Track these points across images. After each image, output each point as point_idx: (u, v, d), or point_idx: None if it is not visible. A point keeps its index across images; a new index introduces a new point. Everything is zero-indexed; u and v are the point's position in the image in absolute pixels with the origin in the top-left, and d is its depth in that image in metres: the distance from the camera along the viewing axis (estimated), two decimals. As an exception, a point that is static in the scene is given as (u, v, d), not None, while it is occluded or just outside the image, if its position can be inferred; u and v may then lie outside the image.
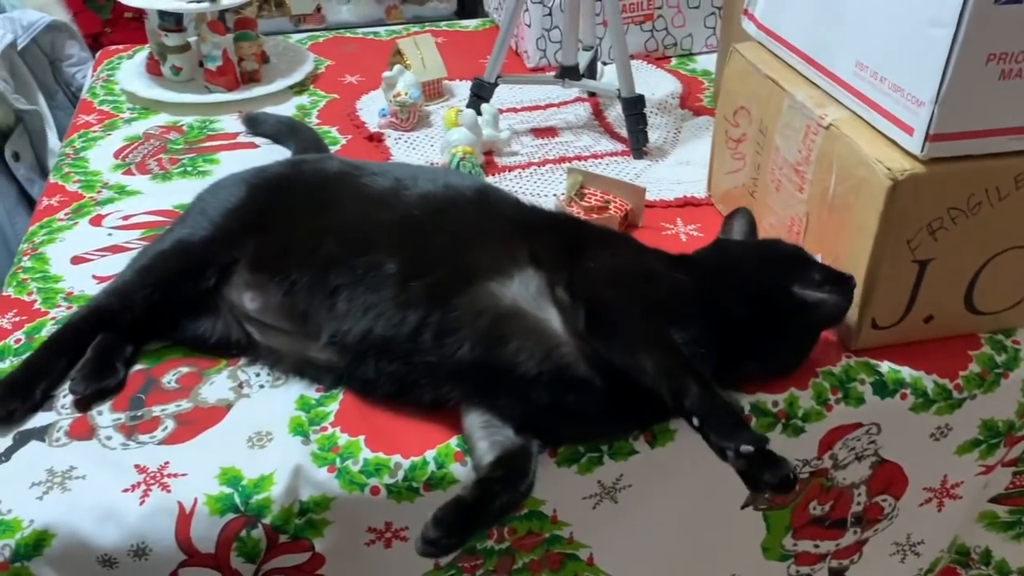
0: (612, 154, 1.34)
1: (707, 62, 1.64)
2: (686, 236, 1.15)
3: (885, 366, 0.92)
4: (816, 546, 1.01)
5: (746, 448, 0.70)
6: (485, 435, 0.83)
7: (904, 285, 0.89)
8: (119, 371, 0.91)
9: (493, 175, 1.29)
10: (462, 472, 0.82)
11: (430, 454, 0.83)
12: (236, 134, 1.40)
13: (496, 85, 1.36)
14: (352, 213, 0.95)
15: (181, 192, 1.19)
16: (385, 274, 0.86)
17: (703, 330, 0.82)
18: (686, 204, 1.21)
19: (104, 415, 0.87)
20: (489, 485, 0.79)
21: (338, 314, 0.87)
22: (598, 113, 1.48)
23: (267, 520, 0.79)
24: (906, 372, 0.92)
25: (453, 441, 0.84)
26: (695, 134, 1.40)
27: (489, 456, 0.81)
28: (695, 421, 0.74)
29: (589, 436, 0.85)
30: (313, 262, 0.90)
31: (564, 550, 0.92)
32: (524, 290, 0.85)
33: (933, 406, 0.92)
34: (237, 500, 0.79)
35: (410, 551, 0.85)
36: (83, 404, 0.87)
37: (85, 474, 0.80)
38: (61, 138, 1.59)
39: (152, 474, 0.80)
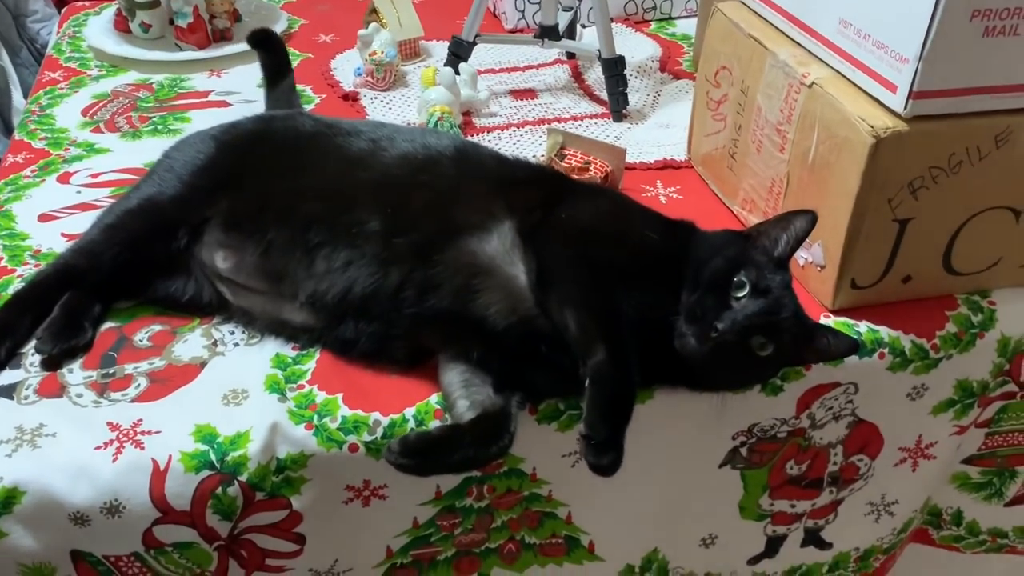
0: (592, 116, 1.33)
1: (686, 26, 1.63)
2: (666, 198, 1.14)
3: (863, 326, 0.92)
4: (792, 506, 1.02)
5: (582, 431, 0.74)
6: (465, 394, 0.82)
7: (884, 245, 0.89)
8: (87, 330, 0.89)
9: (471, 136, 1.27)
10: (442, 430, 0.82)
11: (409, 411, 0.82)
12: (207, 92, 1.37)
13: (474, 44, 1.34)
14: (331, 172, 0.93)
15: (151, 150, 1.15)
16: (368, 232, 0.85)
17: (658, 298, 0.80)
18: (666, 167, 1.20)
19: (75, 373, 0.85)
20: (460, 433, 0.79)
21: (316, 273, 0.86)
22: (577, 76, 1.46)
23: (243, 477, 0.78)
24: (884, 332, 0.92)
25: (433, 398, 0.83)
26: (675, 97, 1.39)
27: (468, 415, 0.81)
28: (587, 384, 0.75)
29: (564, 389, 0.84)
30: (292, 221, 0.89)
31: (543, 508, 0.92)
32: (501, 245, 0.84)
33: (910, 366, 0.92)
34: (213, 457, 0.77)
35: (388, 509, 0.85)
36: (50, 364, 0.85)
37: (55, 431, 0.79)
38: (26, 95, 1.55)
39: (125, 431, 0.79)
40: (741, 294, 0.79)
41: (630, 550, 0.99)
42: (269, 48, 1.26)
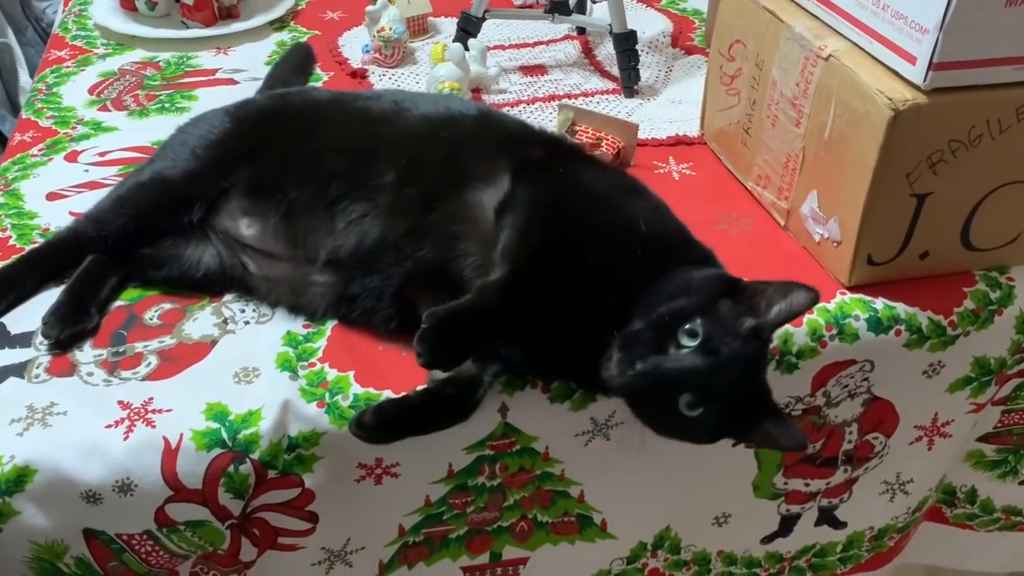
0: (603, 92, 1.31)
1: (698, 1, 1.60)
2: (679, 175, 1.13)
3: (880, 302, 0.91)
4: (807, 484, 1.01)
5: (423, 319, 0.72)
6: None
7: (901, 220, 0.88)
8: (93, 315, 0.88)
9: (481, 113, 1.25)
10: (454, 407, 0.81)
11: (421, 389, 0.81)
12: (215, 70, 1.36)
13: (484, 19, 1.32)
14: (353, 131, 0.94)
15: (159, 128, 1.16)
16: (384, 183, 0.86)
17: (606, 287, 0.76)
18: (678, 143, 1.19)
19: (85, 351, 0.85)
20: (438, 397, 0.79)
21: (336, 230, 0.86)
22: (588, 51, 1.44)
23: (255, 455, 0.77)
24: (901, 308, 0.91)
25: (445, 376, 0.82)
26: (687, 73, 1.37)
27: (442, 376, 0.80)
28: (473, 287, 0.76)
29: (548, 367, 0.83)
30: (314, 177, 0.89)
31: (555, 487, 0.91)
32: (495, 196, 0.83)
33: (927, 343, 0.91)
34: (224, 435, 0.77)
35: (400, 487, 0.85)
36: (56, 347, 0.85)
37: (66, 410, 0.78)
38: (32, 75, 1.54)
39: (136, 410, 0.78)
40: (688, 343, 0.71)
41: (642, 528, 0.99)
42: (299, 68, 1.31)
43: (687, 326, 0.71)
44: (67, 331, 0.85)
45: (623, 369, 0.71)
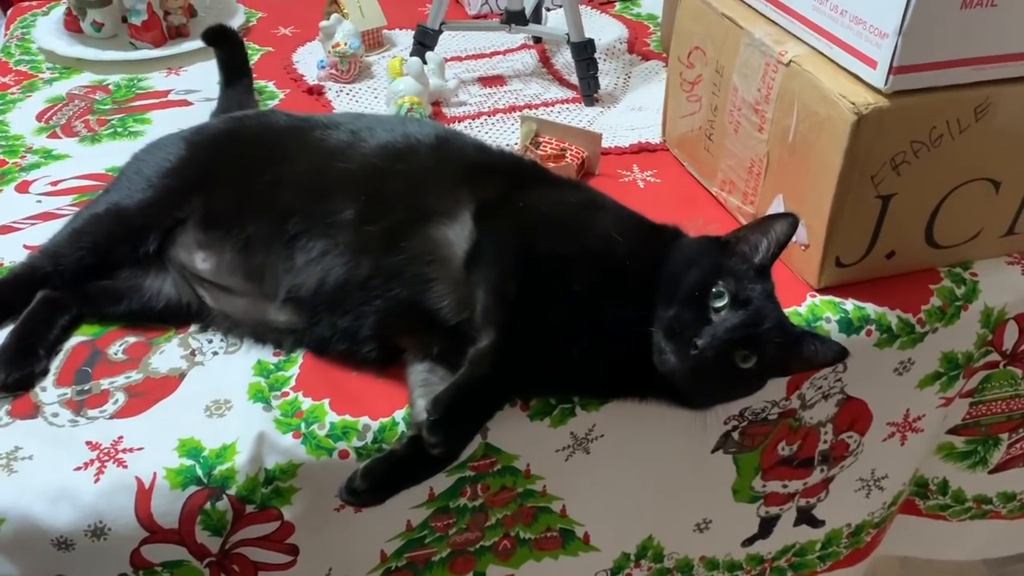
0: (563, 101, 1.31)
1: (652, 5, 1.61)
2: (643, 182, 1.13)
3: (850, 303, 0.92)
4: (784, 486, 1.01)
5: (429, 409, 0.72)
6: (423, 392, 0.80)
7: (867, 221, 0.89)
8: (42, 357, 0.84)
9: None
10: (433, 431, 0.80)
11: (399, 414, 0.80)
12: (167, 92, 1.33)
13: (440, 32, 1.31)
14: (308, 164, 0.91)
15: (112, 154, 1.13)
16: (343, 220, 0.84)
17: (622, 304, 0.76)
18: (641, 150, 1.19)
19: (48, 391, 0.82)
20: (422, 444, 0.74)
21: (295, 267, 0.84)
22: (545, 60, 1.44)
23: (232, 491, 0.75)
24: (870, 308, 0.92)
25: (422, 400, 0.81)
26: (645, 79, 1.38)
27: (423, 416, 0.77)
28: (466, 359, 0.74)
29: (537, 388, 0.83)
30: (270, 213, 0.87)
31: (537, 503, 0.90)
32: (461, 233, 0.82)
33: (897, 341, 0.92)
34: (199, 472, 0.75)
35: (381, 514, 0.83)
36: (3, 392, 0.81)
37: (32, 454, 0.76)
38: (-25, 102, 1.49)
39: (105, 450, 0.76)
40: (720, 305, 0.75)
41: (625, 538, 0.98)
42: (226, 45, 1.22)
43: (714, 291, 0.75)
44: (13, 375, 0.82)
45: (684, 353, 0.74)
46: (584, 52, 1.26)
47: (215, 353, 0.87)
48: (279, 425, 0.78)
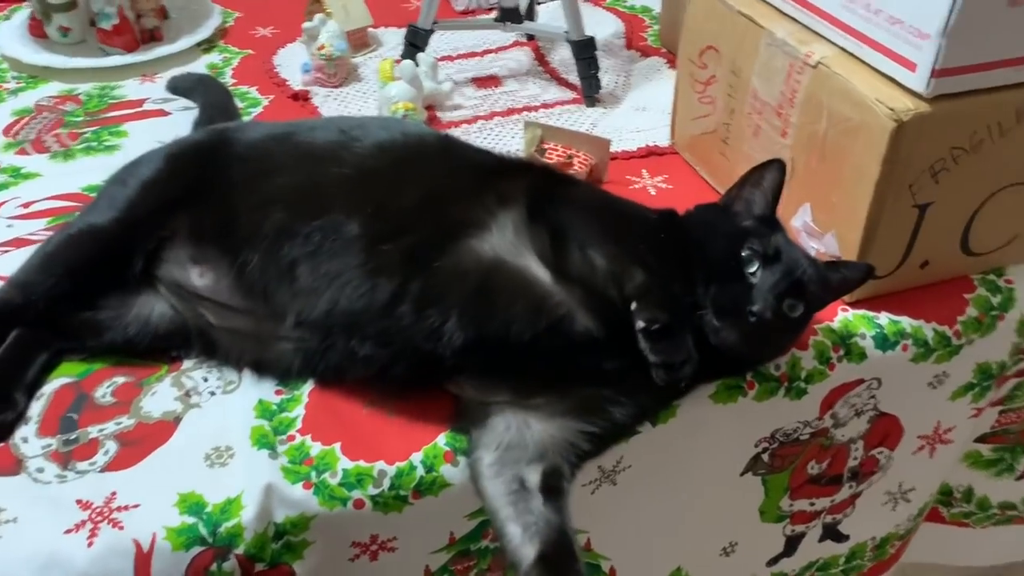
0: (563, 102, 1.25)
1: (645, -3, 1.56)
2: (655, 188, 1.07)
3: (884, 317, 0.88)
4: (812, 504, 0.97)
5: (640, 323, 0.69)
6: (514, 513, 0.72)
7: (903, 232, 0.84)
8: (19, 402, 0.77)
9: (438, 132, 1.18)
10: (453, 474, 0.74)
11: (416, 457, 0.74)
12: (142, 100, 1.26)
13: (432, 32, 1.24)
14: (297, 174, 0.84)
15: (88, 172, 1.06)
16: (348, 237, 0.76)
17: (678, 281, 0.75)
18: (649, 154, 1.13)
19: (31, 442, 0.75)
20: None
21: (301, 289, 0.77)
22: (541, 58, 1.38)
23: (240, 550, 0.69)
24: (905, 322, 0.87)
25: (441, 440, 0.75)
26: (646, 77, 1.32)
27: (528, 550, 0.70)
28: (632, 306, 0.70)
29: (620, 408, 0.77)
30: (261, 238, 0.80)
31: (561, 539, 0.85)
32: (502, 239, 0.76)
33: (933, 355, 0.88)
34: (203, 530, 0.69)
35: (397, 561, 0.78)
36: None
37: (16, 516, 0.69)
38: (-65, 115, 1.40)
39: (98, 509, 0.69)
40: (754, 269, 0.75)
41: (652, 571, 0.94)
42: (184, 94, 1.19)
43: (743, 256, 0.75)
44: None
45: (742, 324, 0.73)
46: (585, 51, 1.20)
47: (212, 393, 0.80)
48: (287, 474, 0.72)
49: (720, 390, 0.82)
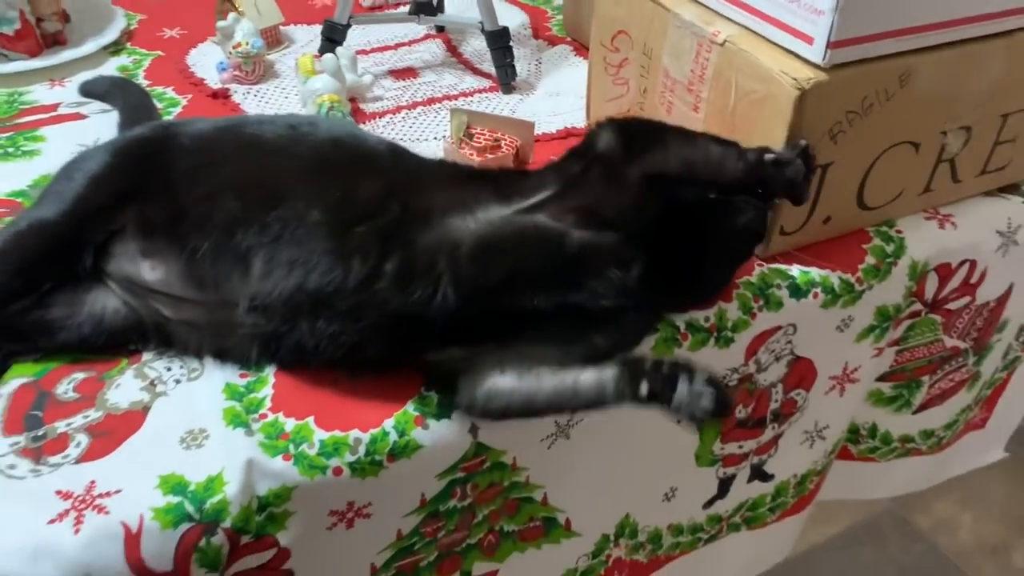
0: (480, 91, 1.30)
1: (544, -10, 1.63)
2: (577, 166, 1.14)
3: (795, 269, 0.97)
4: (740, 446, 1.06)
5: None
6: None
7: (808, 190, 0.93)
8: None
9: (364, 123, 1.21)
10: (424, 436, 0.78)
11: (388, 423, 0.78)
12: (55, 105, 1.24)
13: (349, 27, 1.27)
14: (249, 166, 0.86)
15: (9, 178, 1.05)
16: (310, 224, 0.78)
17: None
18: (568, 135, 1.20)
19: (-3, 442, 0.75)
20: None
21: (255, 276, 0.79)
22: (452, 49, 1.43)
23: (227, 523, 0.72)
24: (815, 272, 0.97)
25: (410, 406, 0.79)
26: (556, 64, 1.39)
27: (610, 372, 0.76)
28: (765, 157, 0.83)
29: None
30: (212, 227, 0.81)
31: (521, 495, 0.91)
32: (496, 212, 0.80)
33: (839, 300, 0.98)
34: (189, 508, 0.71)
35: (372, 527, 0.82)
36: None
37: (-4, 512, 0.70)
38: None
39: (80, 498, 0.71)
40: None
41: (604, 520, 1.00)
42: (99, 97, 1.19)
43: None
44: None
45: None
46: (500, 40, 1.26)
47: (177, 381, 0.82)
48: (266, 449, 0.75)
49: (658, 343, 0.88)
